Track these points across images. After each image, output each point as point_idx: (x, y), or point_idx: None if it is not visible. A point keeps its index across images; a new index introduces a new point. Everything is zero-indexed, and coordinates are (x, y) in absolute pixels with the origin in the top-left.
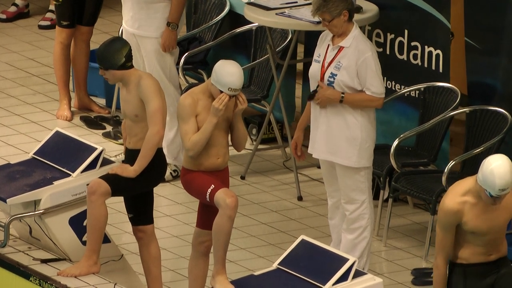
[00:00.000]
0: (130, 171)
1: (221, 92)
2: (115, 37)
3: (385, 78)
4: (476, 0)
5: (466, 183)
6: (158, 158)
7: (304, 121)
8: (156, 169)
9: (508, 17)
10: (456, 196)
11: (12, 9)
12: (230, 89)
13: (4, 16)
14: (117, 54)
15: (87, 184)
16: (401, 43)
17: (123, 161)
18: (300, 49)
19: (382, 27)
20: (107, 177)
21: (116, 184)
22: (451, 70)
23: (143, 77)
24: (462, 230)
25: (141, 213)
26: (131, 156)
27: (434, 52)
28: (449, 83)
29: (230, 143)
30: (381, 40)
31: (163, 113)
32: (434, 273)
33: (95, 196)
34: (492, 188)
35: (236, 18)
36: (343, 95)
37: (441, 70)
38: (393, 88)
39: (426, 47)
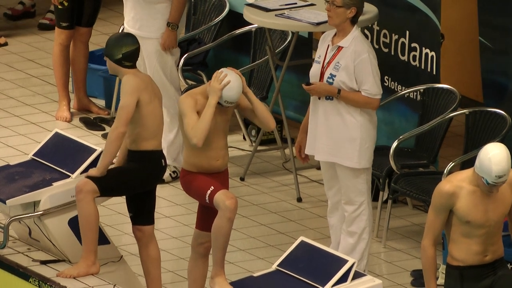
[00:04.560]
0: (94, 170)
1: (218, 102)
2: (128, 34)
3: (389, 78)
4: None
5: (464, 172)
6: (150, 160)
7: (307, 123)
8: (147, 171)
9: None
10: (453, 180)
11: (19, 7)
12: (226, 102)
13: (10, 13)
14: (117, 47)
15: None
16: (403, 44)
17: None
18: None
19: (388, 28)
20: (94, 176)
21: (103, 182)
22: (443, 72)
23: (131, 74)
24: (458, 220)
25: (140, 212)
26: (129, 157)
27: (430, 54)
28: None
29: (229, 144)
30: (387, 40)
31: (127, 111)
32: (422, 256)
33: (82, 195)
34: (488, 175)
35: (235, 19)
36: (339, 90)
37: (434, 72)
38: (396, 89)
39: (423, 48)
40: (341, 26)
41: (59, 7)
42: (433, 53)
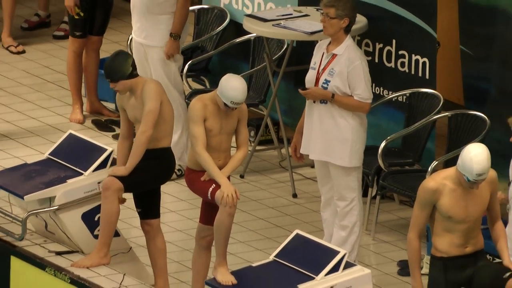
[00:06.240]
0: (122, 170)
1: (225, 104)
2: (118, 51)
3: (374, 84)
4: (470, 10)
5: (447, 170)
6: (166, 158)
7: (302, 125)
8: (165, 168)
9: (500, 26)
10: (437, 178)
11: (34, 19)
12: (232, 102)
13: (26, 25)
14: (124, 65)
15: (98, 182)
16: (389, 52)
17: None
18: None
19: (371, 37)
20: (120, 175)
21: (128, 181)
22: (438, 77)
23: (148, 81)
24: (440, 215)
25: (148, 208)
26: (148, 155)
27: (421, 60)
28: (435, 89)
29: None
30: (370, 49)
31: (155, 115)
32: (408, 248)
33: (109, 192)
34: (470, 173)
35: (236, 28)
36: (333, 95)
37: (427, 77)
38: (381, 94)
39: (413, 55)
40: (336, 35)
41: (76, 17)
42: (425, 59)
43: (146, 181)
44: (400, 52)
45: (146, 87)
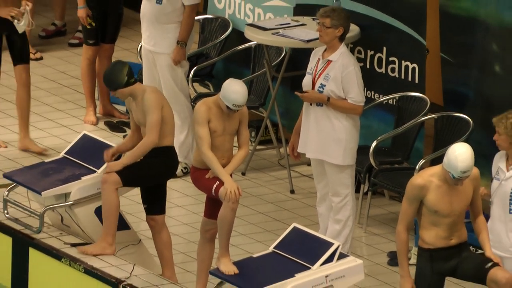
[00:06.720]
0: (117, 164)
1: (227, 107)
2: (114, 62)
3: (365, 88)
4: (450, 20)
5: (433, 168)
6: (169, 156)
7: (299, 126)
8: (168, 165)
9: (478, 35)
10: (424, 175)
11: (51, 28)
12: (234, 105)
13: (43, 34)
14: (120, 74)
15: None
16: (379, 58)
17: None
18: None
19: (363, 45)
20: (118, 170)
21: (126, 175)
22: (427, 82)
23: (147, 91)
24: (427, 210)
25: (153, 204)
26: (152, 153)
27: (410, 66)
28: (424, 93)
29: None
30: (362, 56)
31: (159, 124)
32: (397, 240)
33: (106, 185)
34: (455, 170)
35: (238, 37)
36: (329, 98)
37: (416, 81)
38: (372, 97)
39: (403, 61)
40: (331, 43)
41: (88, 27)
42: (414, 64)
43: (146, 176)
44: (391, 59)
45: (146, 98)
